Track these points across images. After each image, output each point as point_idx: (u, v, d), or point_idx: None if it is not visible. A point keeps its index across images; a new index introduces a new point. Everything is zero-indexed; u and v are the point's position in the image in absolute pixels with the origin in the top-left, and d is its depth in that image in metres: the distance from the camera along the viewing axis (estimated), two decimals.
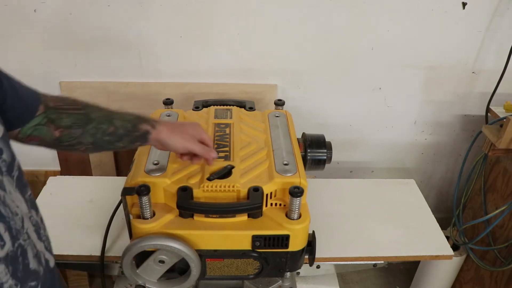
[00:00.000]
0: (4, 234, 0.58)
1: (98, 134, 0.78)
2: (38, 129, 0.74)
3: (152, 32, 1.39)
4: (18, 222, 0.61)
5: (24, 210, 0.65)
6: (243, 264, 0.91)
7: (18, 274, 0.61)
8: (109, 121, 0.79)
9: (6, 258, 0.58)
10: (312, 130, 1.16)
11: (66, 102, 0.78)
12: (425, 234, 1.12)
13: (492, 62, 1.50)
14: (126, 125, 0.80)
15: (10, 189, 0.61)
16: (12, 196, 0.62)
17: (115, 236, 1.07)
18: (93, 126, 0.78)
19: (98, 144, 0.80)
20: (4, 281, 0.58)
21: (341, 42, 1.45)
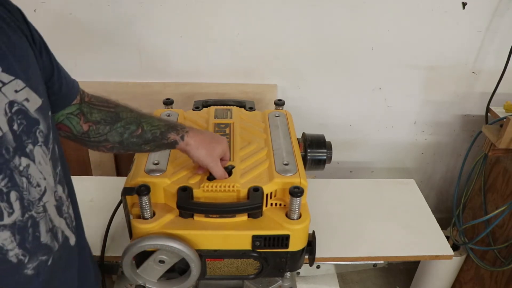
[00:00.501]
0: (15, 202, 0.58)
1: (125, 134, 0.80)
2: (69, 118, 0.76)
3: (152, 32, 1.39)
4: (34, 194, 0.61)
5: (51, 184, 0.65)
6: (243, 264, 0.91)
7: (26, 244, 0.61)
8: (137, 123, 0.81)
9: (13, 226, 0.58)
10: (312, 130, 1.15)
11: (99, 99, 0.81)
12: (425, 234, 1.12)
13: (492, 62, 1.50)
14: (155, 130, 0.82)
15: (40, 160, 0.62)
16: (42, 168, 0.62)
17: (115, 236, 1.07)
18: (121, 125, 0.79)
19: (125, 144, 0.81)
20: (9, 249, 0.58)
21: (341, 42, 1.45)
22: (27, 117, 0.60)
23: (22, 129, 0.58)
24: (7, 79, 0.56)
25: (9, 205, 0.57)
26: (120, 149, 0.83)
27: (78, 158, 1.61)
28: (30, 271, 0.62)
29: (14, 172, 0.58)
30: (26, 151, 0.60)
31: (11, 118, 0.57)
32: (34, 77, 0.62)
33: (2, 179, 0.56)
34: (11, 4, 0.63)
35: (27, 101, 0.59)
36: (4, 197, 0.56)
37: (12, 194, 0.58)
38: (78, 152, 1.60)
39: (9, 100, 0.56)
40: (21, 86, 0.58)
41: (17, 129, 0.58)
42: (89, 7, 1.33)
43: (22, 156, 0.59)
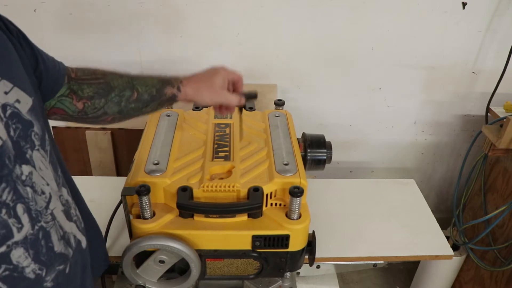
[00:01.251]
0: (23, 216, 0.54)
1: (122, 102, 0.77)
2: (61, 100, 0.73)
3: (152, 32, 1.39)
4: (41, 202, 0.58)
5: (54, 188, 0.62)
6: (243, 264, 0.91)
7: (41, 257, 0.58)
8: (131, 87, 0.77)
9: (25, 241, 0.55)
10: (312, 130, 1.15)
11: (85, 72, 0.76)
12: (425, 234, 1.12)
13: (492, 62, 1.50)
14: (150, 90, 0.78)
15: (40, 165, 0.58)
16: (43, 173, 0.59)
17: (115, 236, 1.07)
18: (116, 94, 0.76)
19: (125, 112, 0.78)
20: (25, 265, 0.55)
21: (341, 42, 1.45)
22: (21, 120, 0.55)
23: (18, 134, 0.54)
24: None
25: (17, 219, 0.54)
26: (122, 118, 0.80)
27: (78, 158, 1.61)
28: (49, 284, 0.60)
29: (17, 183, 0.54)
30: (27, 157, 0.56)
31: (7, 123, 0.53)
32: (20, 75, 0.58)
33: (9, 192, 0.52)
34: None
35: (18, 103, 0.55)
36: (11, 212, 0.53)
37: (18, 207, 0.54)
38: (78, 152, 1.60)
39: (1, 104, 0.52)
40: (9, 86, 0.54)
41: (13, 135, 0.54)
42: (89, 7, 1.33)
43: (22, 164, 0.55)
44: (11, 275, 0.54)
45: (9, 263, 0.53)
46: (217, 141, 1.03)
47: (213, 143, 1.02)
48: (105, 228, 1.06)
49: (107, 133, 1.55)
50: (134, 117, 0.82)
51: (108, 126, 1.47)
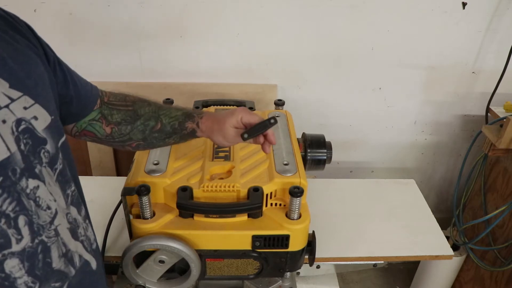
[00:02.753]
0: (23, 228, 0.55)
1: (147, 131, 0.80)
2: (92, 124, 0.78)
3: (152, 32, 1.39)
4: (44, 217, 0.58)
5: (62, 206, 0.62)
6: (243, 264, 0.91)
7: (36, 271, 0.57)
8: (156, 118, 0.81)
9: (22, 253, 0.55)
10: (312, 130, 1.16)
11: (117, 97, 0.80)
12: (425, 234, 1.12)
13: (492, 62, 1.50)
14: (173, 122, 0.81)
15: (49, 181, 0.60)
16: (51, 189, 0.60)
17: (115, 236, 1.07)
18: (141, 122, 0.80)
19: (148, 140, 0.82)
20: (17, 276, 0.55)
21: (341, 42, 1.45)
22: (33, 136, 0.57)
23: (28, 149, 0.56)
24: (16, 96, 0.54)
25: (17, 231, 0.54)
26: (146, 146, 0.83)
27: (78, 158, 1.61)
28: None
29: (22, 195, 0.55)
30: (36, 171, 0.57)
31: (18, 137, 0.54)
32: (45, 94, 0.60)
33: (10, 203, 0.53)
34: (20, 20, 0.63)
35: (36, 119, 0.57)
36: (11, 223, 0.53)
37: (20, 218, 0.54)
38: (78, 152, 1.60)
39: (17, 118, 0.54)
40: (30, 103, 0.56)
41: (24, 149, 0.55)
42: (89, 7, 1.33)
43: (30, 177, 0.56)
44: (2, 283, 0.54)
45: (1, 271, 0.54)
46: None
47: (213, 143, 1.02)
48: (105, 228, 1.06)
49: None
50: (158, 146, 0.86)
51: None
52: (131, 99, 0.82)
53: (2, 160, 0.52)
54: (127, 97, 0.82)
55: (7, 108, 0.53)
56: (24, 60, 0.58)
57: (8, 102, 0.53)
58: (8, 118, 0.53)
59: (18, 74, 0.56)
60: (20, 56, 0.58)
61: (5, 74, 0.54)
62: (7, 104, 0.53)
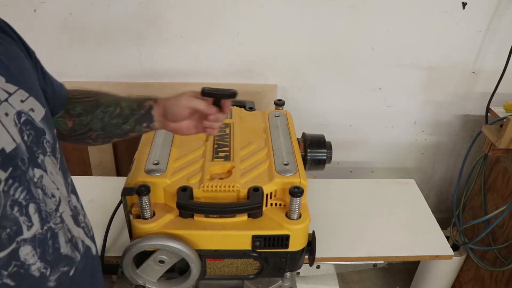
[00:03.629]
0: (34, 215, 0.58)
1: (106, 118, 0.80)
2: (58, 121, 0.78)
3: (152, 32, 1.39)
4: (51, 205, 0.61)
5: (64, 194, 0.65)
6: (243, 264, 0.91)
7: (47, 257, 0.60)
8: (116, 104, 0.81)
9: (33, 240, 0.58)
10: (312, 130, 1.15)
11: (79, 92, 0.82)
12: (425, 234, 1.12)
13: (492, 62, 1.50)
14: (132, 104, 0.81)
15: (52, 170, 0.62)
16: (54, 178, 0.63)
17: (115, 236, 1.07)
18: (101, 110, 0.79)
19: (107, 129, 0.81)
20: (31, 263, 0.58)
21: (341, 42, 1.45)
22: (34, 127, 0.60)
23: (31, 140, 0.58)
24: (12, 90, 0.56)
25: (28, 218, 0.57)
26: (104, 137, 0.82)
27: (78, 158, 1.61)
28: (52, 283, 0.62)
29: (30, 184, 0.57)
30: (38, 161, 0.60)
31: (21, 129, 0.57)
32: (35, 88, 0.63)
33: (22, 191, 0.56)
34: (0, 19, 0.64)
35: (33, 111, 0.60)
36: (23, 210, 0.56)
37: (30, 206, 0.57)
38: (78, 152, 1.60)
39: (17, 111, 0.56)
40: (25, 96, 0.59)
41: (27, 140, 0.58)
42: (89, 7, 1.33)
43: (35, 167, 0.58)
44: (18, 271, 0.56)
45: (17, 260, 0.56)
46: (217, 141, 1.03)
47: (213, 143, 1.02)
48: (105, 228, 1.06)
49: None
50: (115, 137, 0.84)
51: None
52: (94, 92, 0.83)
53: (11, 151, 0.54)
54: (91, 91, 0.83)
55: (7, 102, 0.55)
56: (14, 56, 0.60)
57: (6, 96, 0.55)
58: (10, 111, 0.55)
59: (11, 69, 0.58)
60: (9, 52, 0.60)
61: (1, 69, 0.56)
62: (6, 98, 0.55)
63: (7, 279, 0.55)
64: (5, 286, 0.55)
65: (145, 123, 0.81)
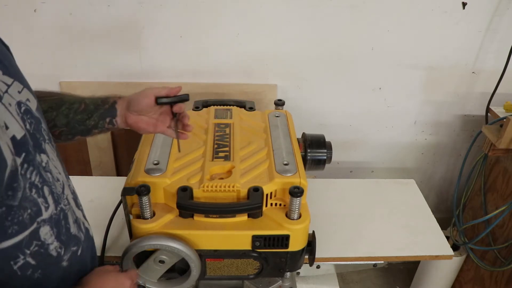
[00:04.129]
0: (48, 197, 0.61)
1: (71, 114, 0.81)
2: None
3: (152, 32, 1.39)
4: (59, 187, 0.65)
5: (65, 178, 0.69)
6: (243, 264, 0.91)
7: (61, 237, 0.64)
8: (80, 101, 0.83)
9: (50, 220, 0.61)
10: (312, 130, 1.15)
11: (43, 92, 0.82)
12: (425, 234, 1.12)
13: (492, 62, 1.50)
14: (96, 100, 0.83)
15: (52, 156, 0.66)
16: (55, 163, 0.66)
17: (115, 236, 1.07)
18: (66, 107, 0.82)
19: (71, 125, 0.82)
20: (49, 243, 0.61)
21: (341, 42, 1.45)
22: (33, 116, 0.62)
23: (33, 128, 0.61)
24: (9, 81, 0.58)
25: (44, 200, 0.60)
26: (68, 134, 0.83)
27: (78, 158, 1.61)
28: (65, 263, 0.65)
29: (40, 168, 0.60)
30: (42, 148, 0.63)
31: (23, 118, 0.59)
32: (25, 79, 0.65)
33: (36, 175, 0.58)
34: None
35: (29, 102, 0.62)
36: (40, 192, 0.59)
37: (45, 189, 0.61)
38: (78, 152, 1.60)
39: (17, 101, 0.58)
40: (21, 87, 0.61)
41: (30, 128, 0.60)
42: (89, 7, 1.33)
43: (41, 153, 0.62)
44: (39, 251, 0.59)
45: (38, 239, 0.59)
46: (217, 141, 1.03)
47: (213, 143, 1.02)
48: (105, 228, 1.06)
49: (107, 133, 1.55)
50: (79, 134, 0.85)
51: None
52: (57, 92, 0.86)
53: (21, 138, 0.56)
54: (53, 92, 0.85)
55: (7, 93, 0.57)
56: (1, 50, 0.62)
57: (6, 88, 0.57)
58: (11, 101, 0.57)
59: (3, 62, 0.59)
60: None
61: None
62: (6, 90, 0.57)
63: (29, 257, 0.58)
64: (28, 264, 0.58)
65: (108, 118, 0.83)
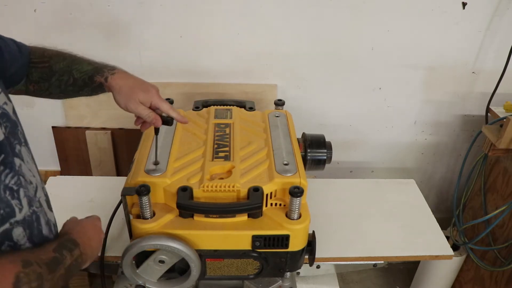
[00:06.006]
0: (23, 199, 0.63)
1: (62, 86, 0.85)
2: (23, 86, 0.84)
3: (152, 32, 1.39)
4: (31, 190, 0.66)
5: (38, 180, 0.71)
6: (243, 264, 0.91)
7: (33, 238, 0.65)
8: (68, 73, 0.84)
9: (24, 221, 0.63)
10: (312, 130, 1.15)
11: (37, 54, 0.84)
12: (425, 234, 1.12)
13: (492, 62, 1.50)
14: (84, 77, 0.84)
15: (27, 159, 0.67)
16: (29, 166, 0.68)
17: (115, 236, 1.07)
18: (56, 78, 0.84)
19: (65, 93, 0.86)
20: (22, 243, 0.62)
21: (341, 42, 1.45)
22: (10, 120, 0.64)
23: (9, 131, 0.63)
24: None
25: (19, 201, 0.62)
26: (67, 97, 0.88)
27: (78, 158, 1.61)
28: None
29: (15, 171, 0.62)
30: (16, 151, 0.64)
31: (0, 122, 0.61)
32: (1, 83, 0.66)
33: (12, 177, 0.60)
34: None
35: (6, 105, 0.64)
36: (15, 195, 0.61)
37: (21, 191, 0.62)
38: (78, 152, 1.60)
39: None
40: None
41: (5, 132, 0.61)
42: (89, 7, 1.33)
43: (14, 156, 0.63)
44: None
45: (11, 240, 0.60)
46: (217, 141, 1.03)
47: (213, 143, 1.02)
48: (105, 228, 1.06)
49: (107, 133, 1.55)
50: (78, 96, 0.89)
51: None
52: (48, 54, 0.84)
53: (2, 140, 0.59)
54: (45, 53, 0.84)
55: None
56: None
57: None
58: None
59: None
60: None
61: None
62: None
63: None
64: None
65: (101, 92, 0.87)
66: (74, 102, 1.50)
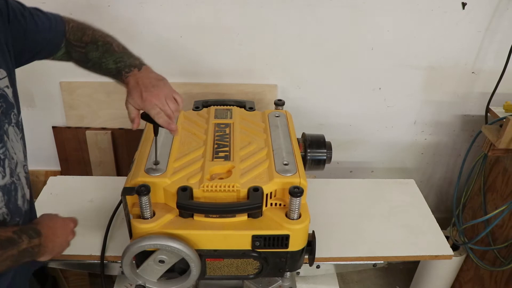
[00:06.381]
0: (7, 168, 0.72)
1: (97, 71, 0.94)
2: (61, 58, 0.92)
3: (152, 32, 1.39)
4: (12, 164, 0.75)
5: (21, 159, 0.79)
6: (243, 264, 0.91)
7: (10, 205, 0.74)
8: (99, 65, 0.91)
9: (4, 188, 0.72)
10: (312, 130, 1.16)
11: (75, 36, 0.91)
12: (424, 234, 1.12)
13: (492, 62, 1.50)
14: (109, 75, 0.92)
15: (13, 138, 0.75)
16: (14, 144, 0.76)
17: (115, 236, 1.07)
18: (90, 65, 0.93)
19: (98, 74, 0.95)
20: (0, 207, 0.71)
21: (341, 42, 1.45)
22: (6, 101, 0.72)
23: (2, 111, 0.71)
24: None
25: (3, 169, 0.71)
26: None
27: (78, 158, 1.61)
28: None
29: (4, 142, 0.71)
30: (4, 129, 0.73)
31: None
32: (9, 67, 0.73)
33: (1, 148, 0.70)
34: None
35: (8, 88, 0.72)
36: (1, 163, 0.71)
37: (6, 161, 0.72)
38: (78, 152, 1.60)
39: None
40: (4, 74, 0.71)
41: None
42: (89, 7, 1.33)
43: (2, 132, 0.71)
44: None
45: None
46: (217, 141, 1.03)
47: (213, 143, 1.02)
48: (105, 228, 1.06)
49: (107, 133, 1.55)
50: None
51: None
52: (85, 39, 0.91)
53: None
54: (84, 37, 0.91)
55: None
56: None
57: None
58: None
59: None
60: None
61: None
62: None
63: None
64: None
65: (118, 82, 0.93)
66: (74, 102, 1.50)
